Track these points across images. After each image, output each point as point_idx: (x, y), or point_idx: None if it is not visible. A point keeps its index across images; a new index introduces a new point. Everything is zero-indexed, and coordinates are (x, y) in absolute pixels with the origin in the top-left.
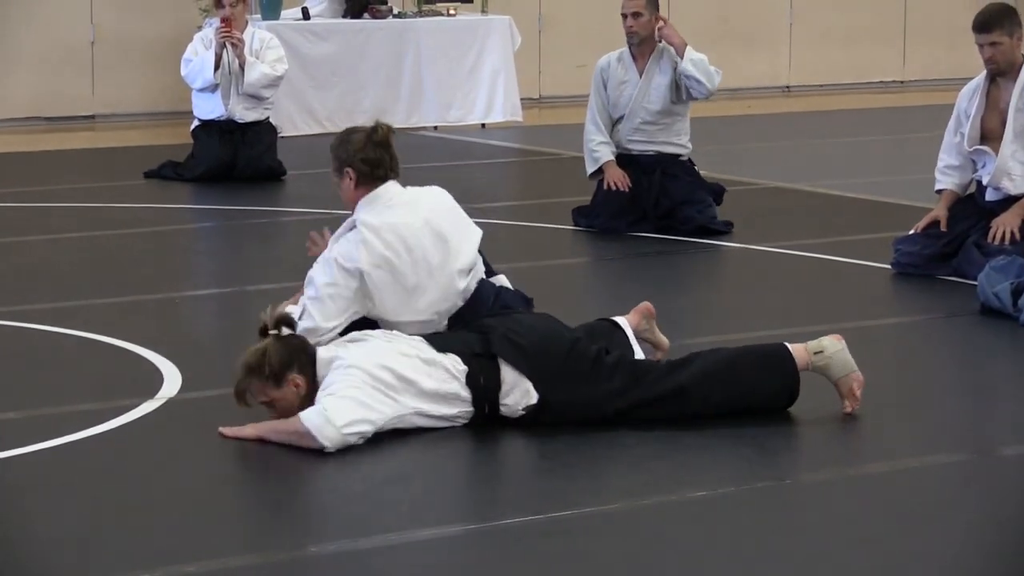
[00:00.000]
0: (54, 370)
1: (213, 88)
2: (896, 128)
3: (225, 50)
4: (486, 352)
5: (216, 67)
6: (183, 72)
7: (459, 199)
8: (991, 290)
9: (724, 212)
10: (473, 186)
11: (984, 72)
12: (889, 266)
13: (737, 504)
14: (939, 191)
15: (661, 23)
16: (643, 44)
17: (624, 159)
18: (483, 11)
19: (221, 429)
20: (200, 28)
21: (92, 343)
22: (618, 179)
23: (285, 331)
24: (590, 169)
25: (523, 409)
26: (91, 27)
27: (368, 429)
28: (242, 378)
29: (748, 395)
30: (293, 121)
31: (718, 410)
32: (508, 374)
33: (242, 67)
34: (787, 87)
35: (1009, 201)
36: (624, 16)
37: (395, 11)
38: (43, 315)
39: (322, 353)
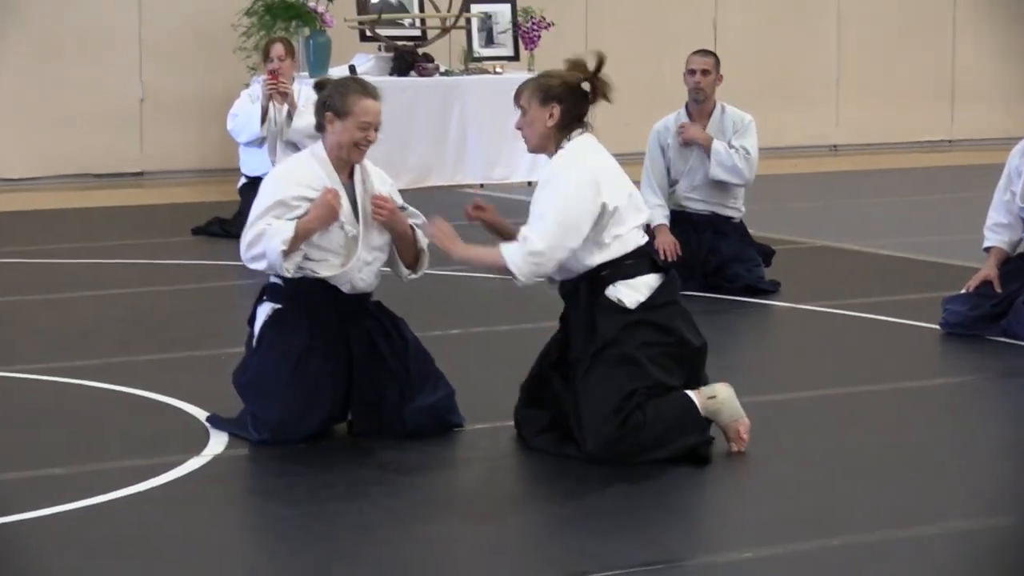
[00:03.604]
0: (100, 426)
1: (260, 142)
2: (944, 187)
3: (272, 104)
4: None
5: (262, 120)
6: (229, 126)
7: None
8: None
9: (771, 271)
10: None
11: None
12: (937, 326)
13: (776, 568)
14: (987, 249)
15: (683, 126)
16: (704, 103)
17: (678, 216)
18: (529, 69)
19: (438, 225)
20: (248, 85)
21: (138, 399)
22: (668, 247)
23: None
24: None
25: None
26: (140, 85)
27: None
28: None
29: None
30: None
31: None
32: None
33: (290, 115)
34: (834, 146)
35: None
36: (692, 72)
37: (442, 69)
38: (90, 371)
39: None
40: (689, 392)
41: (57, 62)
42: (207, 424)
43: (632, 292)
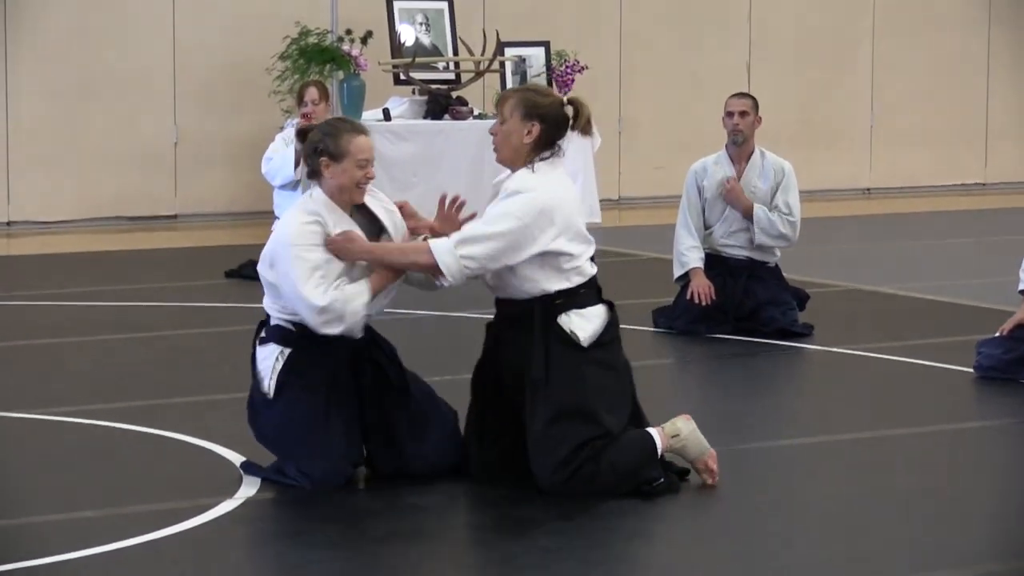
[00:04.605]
0: (133, 468)
1: (294, 185)
2: (978, 230)
3: None
4: None
5: (296, 164)
6: (264, 170)
7: None
8: None
9: (805, 314)
10: None
11: None
12: (971, 369)
13: None
14: (1022, 291)
15: (730, 184)
16: (743, 145)
17: (714, 259)
18: None
19: (331, 238)
20: (282, 129)
21: (171, 442)
22: (703, 291)
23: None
24: (677, 273)
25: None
26: (174, 128)
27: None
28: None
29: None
30: None
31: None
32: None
33: None
34: (868, 189)
35: None
36: (730, 115)
37: (476, 112)
38: (124, 414)
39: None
40: (651, 431)
41: (92, 104)
42: (240, 469)
43: (585, 323)
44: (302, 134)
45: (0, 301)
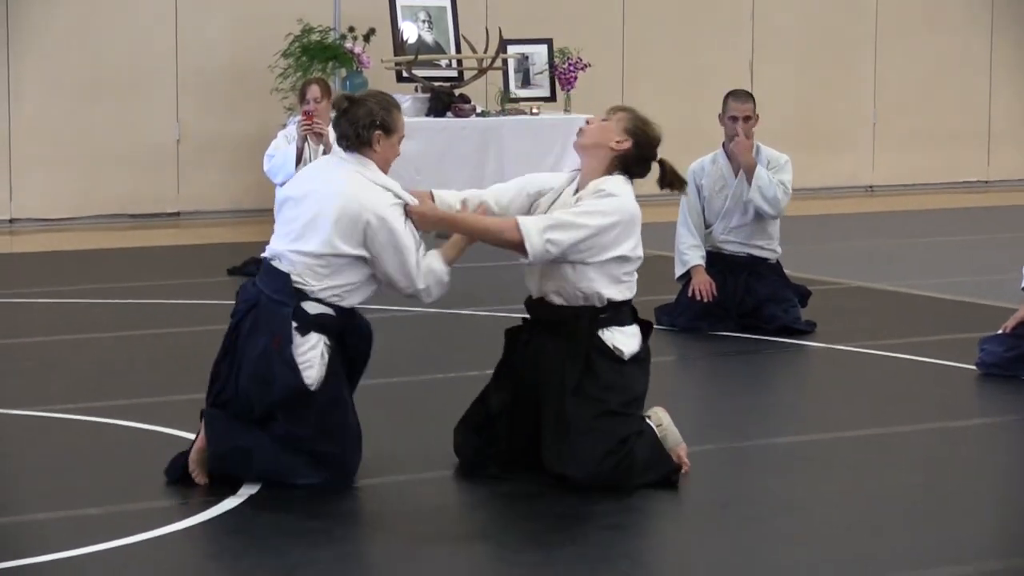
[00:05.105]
0: (135, 466)
1: None
2: (980, 228)
3: (307, 144)
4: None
5: (298, 161)
6: (265, 167)
7: None
8: None
9: (807, 311)
10: None
11: None
12: (974, 367)
13: None
14: None
15: (739, 138)
16: None
17: (715, 257)
18: (566, 110)
19: (413, 207)
20: (284, 126)
21: (174, 439)
22: (704, 288)
23: None
24: (679, 272)
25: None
26: (176, 126)
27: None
28: None
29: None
30: None
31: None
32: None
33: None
34: (870, 187)
35: None
36: (733, 119)
37: (479, 110)
38: (126, 411)
39: None
40: (649, 422)
41: (94, 103)
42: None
43: (627, 339)
44: (352, 101)
45: (2, 298)
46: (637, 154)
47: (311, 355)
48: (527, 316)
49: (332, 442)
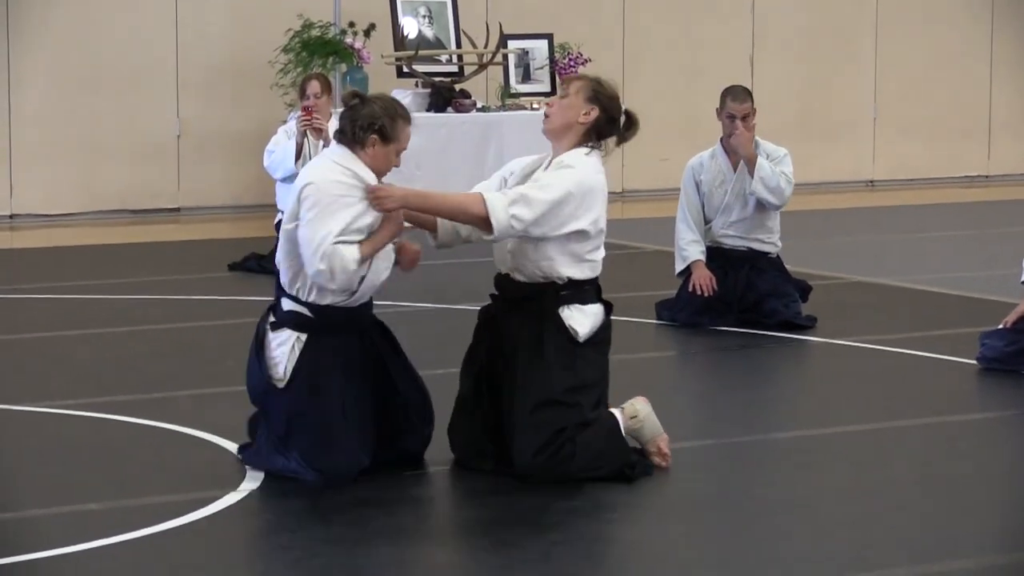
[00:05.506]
0: (136, 462)
1: (295, 178)
2: (981, 222)
3: (307, 140)
4: None
5: (297, 157)
6: (265, 163)
7: None
8: None
9: (808, 306)
10: None
11: None
12: (974, 361)
13: None
14: None
15: (739, 129)
16: None
17: (715, 252)
18: None
19: (373, 186)
20: (285, 122)
21: (175, 435)
22: (704, 282)
23: None
24: (679, 268)
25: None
26: (177, 121)
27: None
28: None
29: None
30: None
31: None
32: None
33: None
34: (871, 181)
35: None
36: (731, 118)
37: (479, 105)
38: (126, 406)
39: None
40: (614, 411)
41: (94, 98)
42: (238, 455)
43: (584, 319)
44: (359, 98)
45: (3, 294)
46: (605, 117)
47: (279, 352)
48: (495, 292)
49: (302, 436)
